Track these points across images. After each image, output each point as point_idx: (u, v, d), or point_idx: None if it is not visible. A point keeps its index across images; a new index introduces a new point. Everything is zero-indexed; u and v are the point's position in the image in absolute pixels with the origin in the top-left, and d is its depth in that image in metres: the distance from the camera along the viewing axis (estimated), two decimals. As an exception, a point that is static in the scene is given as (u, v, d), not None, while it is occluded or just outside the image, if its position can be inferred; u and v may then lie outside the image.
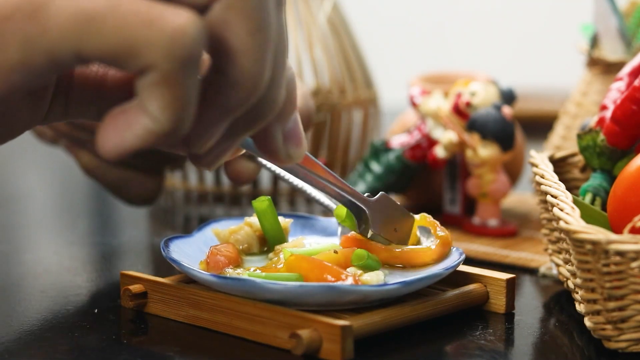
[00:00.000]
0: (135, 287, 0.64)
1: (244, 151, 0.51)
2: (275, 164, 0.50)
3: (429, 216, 0.67)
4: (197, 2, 0.41)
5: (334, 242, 0.68)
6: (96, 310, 0.65)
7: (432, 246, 0.65)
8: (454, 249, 0.66)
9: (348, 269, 0.62)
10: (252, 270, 0.62)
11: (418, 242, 0.67)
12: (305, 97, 0.78)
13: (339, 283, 0.60)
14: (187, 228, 0.90)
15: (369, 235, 0.65)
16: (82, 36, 0.39)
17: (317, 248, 0.64)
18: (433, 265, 0.65)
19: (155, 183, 0.83)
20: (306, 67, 0.94)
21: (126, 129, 0.40)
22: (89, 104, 0.48)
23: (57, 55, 0.40)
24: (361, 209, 0.64)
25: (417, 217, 0.67)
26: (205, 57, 0.43)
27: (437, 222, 0.67)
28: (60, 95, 0.48)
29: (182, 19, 0.39)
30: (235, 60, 0.41)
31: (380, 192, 0.65)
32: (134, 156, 0.80)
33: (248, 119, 0.44)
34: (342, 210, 0.64)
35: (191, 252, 0.65)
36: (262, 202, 0.67)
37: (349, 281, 0.60)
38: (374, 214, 0.64)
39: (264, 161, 0.73)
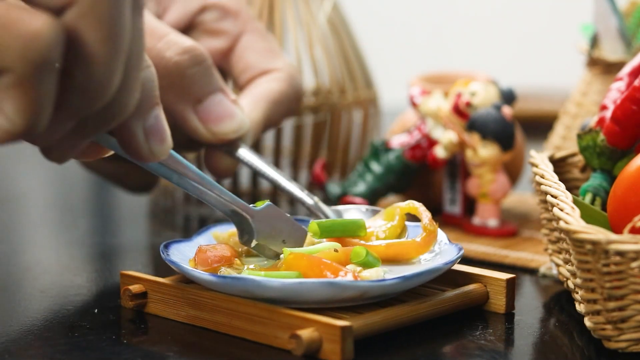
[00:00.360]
0: (135, 287, 0.64)
1: (111, 152, 0.50)
2: (140, 162, 0.50)
3: (418, 204, 0.67)
4: (53, 5, 0.41)
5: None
6: (96, 310, 0.65)
7: (417, 238, 0.65)
8: (454, 245, 0.66)
9: (347, 266, 0.62)
10: (248, 268, 0.62)
11: (403, 233, 0.67)
12: (291, 79, 0.77)
13: (338, 279, 0.60)
14: (187, 228, 0.90)
15: (252, 245, 0.64)
16: None
17: (317, 247, 0.64)
18: (419, 257, 0.65)
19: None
20: (306, 67, 0.94)
21: None
22: None
23: None
24: (244, 218, 0.63)
25: (403, 204, 0.67)
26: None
27: (423, 210, 0.66)
28: None
29: (38, 23, 0.39)
30: (83, 67, 0.42)
31: (267, 202, 0.63)
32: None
33: (96, 120, 0.45)
34: (314, 225, 0.64)
35: (191, 255, 0.65)
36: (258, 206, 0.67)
37: (349, 277, 0.60)
38: (258, 224, 0.63)
39: (241, 157, 0.73)
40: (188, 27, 0.78)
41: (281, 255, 0.63)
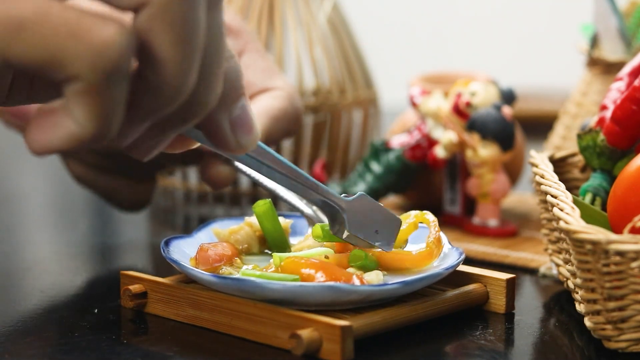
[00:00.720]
0: (135, 287, 0.64)
1: (198, 144, 0.50)
2: (229, 155, 0.50)
3: (432, 217, 0.66)
4: (124, 7, 0.41)
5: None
6: (96, 310, 0.65)
7: (413, 252, 0.64)
8: (454, 248, 0.66)
9: (348, 269, 0.62)
10: (248, 268, 0.62)
11: (404, 244, 0.66)
12: (291, 98, 0.78)
13: (339, 283, 0.60)
14: (187, 228, 0.90)
15: (344, 236, 0.62)
16: (9, 44, 0.39)
17: (308, 252, 0.64)
18: (414, 270, 0.64)
19: (146, 189, 0.82)
20: (306, 67, 0.94)
21: (52, 130, 0.40)
22: (55, 87, 0.49)
23: None
24: (335, 209, 0.61)
25: (419, 212, 0.66)
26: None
27: (434, 225, 0.66)
28: (22, 78, 0.48)
29: (109, 32, 0.39)
30: (157, 69, 0.42)
31: (359, 192, 0.62)
32: (118, 163, 0.80)
33: (175, 119, 0.45)
34: (318, 229, 0.63)
35: (191, 252, 0.65)
36: (262, 206, 0.67)
37: (356, 281, 0.60)
38: (350, 215, 0.61)
39: (240, 166, 0.72)
40: None
41: (271, 260, 0.63)
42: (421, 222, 0.67)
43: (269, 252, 0.67)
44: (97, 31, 0.39)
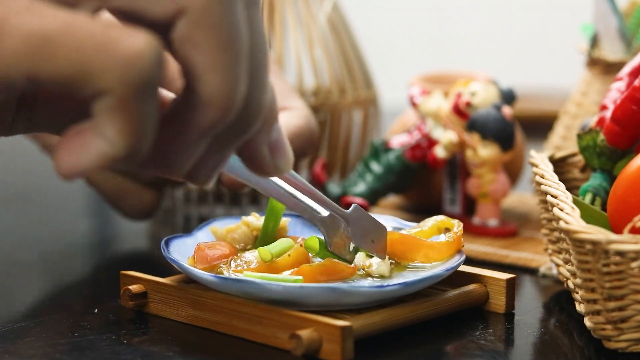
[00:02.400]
0: (135, 287, 0.64)
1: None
2: (263, 177, 0.48)
3: (457, 222, 0.66)
4: (159, 19, 0.40)
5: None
6: (96, 310, 0.65)
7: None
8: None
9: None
10: (243, 263, 0.62)
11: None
12: (308, 118, 0.78)
13: (340, 284, 0.60)
14: (187, 228, 0.90)
15: (351, 249, 0.64)
16: (35, 60, 0.38)
17: (279, 248, 0.64)
18: (426, 260, 0.65)
19: (153, 197, 0.81)
20: (306, 67, 0.94)
21: (82, 151, 0.39)
22: (56, 117, 0.47)
23: (8, 78, 0.38)
24: (339, 221, 0.62)
25: (444, 218, 0.67)
26: (177, 75, 0.42)
27: (458, 224, 0.66)
28: (25, 107, 0.46)
29: (138, 43, 0.38)
30: (204, 79, 0.40)
31: (353, 205, 0.63)
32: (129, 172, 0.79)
33: (232, 132, 0.43)
34: (314, 241, 0.63)
35: (191, 252, 0.65)
36: (279, 203, 0.67)
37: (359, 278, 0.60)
38: (353, 228, 0.63)
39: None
40: None
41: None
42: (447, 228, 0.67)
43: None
44: (125, 43, 0.38)
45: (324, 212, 0.62)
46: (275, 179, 0.59)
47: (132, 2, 0.40)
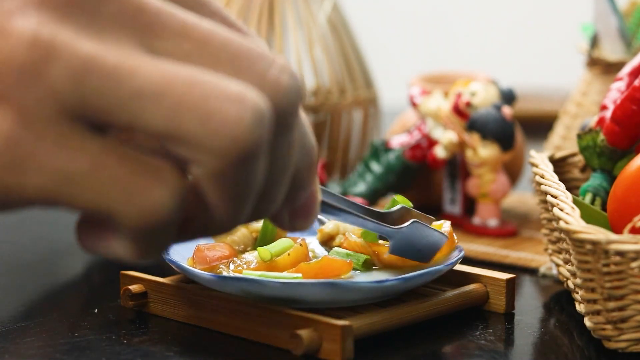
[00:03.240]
0: (135, 287, 0.64)
1: None
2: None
3: (447, 225, 0.66)
4: (178, 157, 0.39)
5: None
6: (96, 310, 0.65)
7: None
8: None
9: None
10: (243, 263, 0.62)
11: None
12: (308, 124, 0.78)
13: (339, 280, 0.60)
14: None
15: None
16: (56, 193, 0.38)
17: (279, 247, 0.64)
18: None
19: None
20: (306, 67, 0.94)
21: (99, 243, 0.40)
22: None
23: (27, 202, 0.39)
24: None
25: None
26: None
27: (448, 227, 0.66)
28: None
29: (160, 195, 0.38)
30: (206, 216, 0.40)
31: (412, 221, 0.62)
32: None
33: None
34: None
35: (190, 253, 0.65)
36: None
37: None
38: (395, 241, 0.62)
39: None
40: None
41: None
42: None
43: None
44: (147, 194, 0.37)
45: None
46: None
47: (164, 134, 0.38)
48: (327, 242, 0.67)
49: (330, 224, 0.66)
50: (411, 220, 0.62)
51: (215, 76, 0.38)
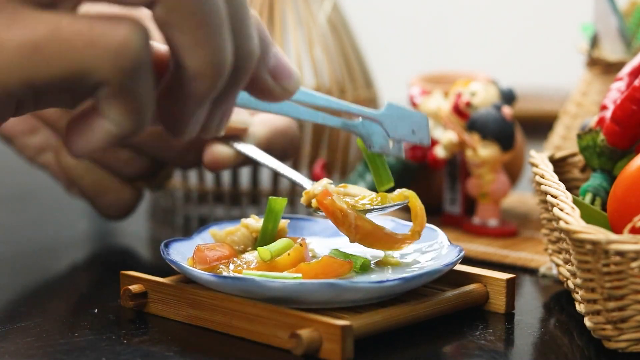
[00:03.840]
0: (135, 287, 0.64)
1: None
2: (275, 102, 0.51)
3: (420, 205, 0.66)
4: (136, 5, 0.42)
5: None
6: (96, 310, 0.65)
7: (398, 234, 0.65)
8: (454, 246, 0.66)
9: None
10: (243, 263, 0.62)
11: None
12: (293, 123, 0.79)
13: (338, 280, 0.60)
14: (187, 228, 0.90)
15: (389, 147, 0.65)
16: (30, 68, 0.40)
17: (279, 247, 0.64)
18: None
19: (132, 195, 0.81)
20: (306, 67, 0.94)
21: (91, 133, 0.42)
22: (60, 92, 0.48)
23: (9, 90, 0.40)
24: (373, 124, 0.65)
25: (397, 193, 0.66)
26: (166, 51, 0.44)
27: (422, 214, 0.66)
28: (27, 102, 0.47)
29: (123, 33, 0.40)
30: (189, 56, 0.42)
31: (387, 102, 0.65)
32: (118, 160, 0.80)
33: (230, 87, 0.45)
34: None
35: (190, 254, 0.65)
36: (279, 203, 0.67)
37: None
38: (386, 124, 0.65)
39: (240, 147, 0.74)
40: None
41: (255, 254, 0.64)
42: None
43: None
44: (111, 35, 0.40)
45: (356, 119, 0.64)
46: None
47: None
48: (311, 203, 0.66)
49: (319, 185, 0.65)
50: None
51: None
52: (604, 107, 0.70)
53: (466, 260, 0.75)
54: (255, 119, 0.77)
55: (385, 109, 0.65)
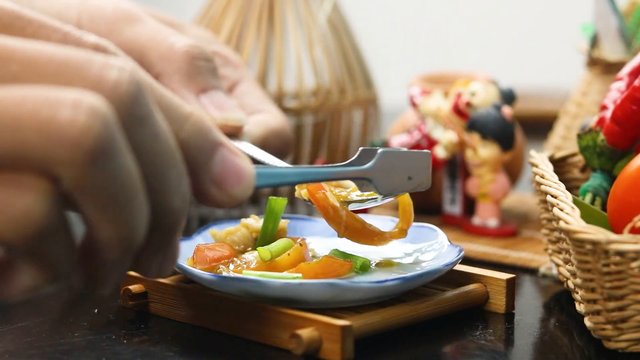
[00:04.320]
0: (135, 287, 0.64)
1: None
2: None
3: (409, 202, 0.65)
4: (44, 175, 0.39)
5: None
6: (96, 310, 0.65)
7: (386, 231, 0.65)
8: (454, 246, 0.66)
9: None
10: (243, 263, 0.62)
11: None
12: (286, 123, 0.79)
13: (338, 280, 0.60)
14: (187, 228, 0.90)
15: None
16: None
17: (279, 247, 0.64)
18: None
19: None
20: (306, 67, 0.94)
21: (10, 284, 0.40)
22: None
23: None
24: (365, 180, 0.58)
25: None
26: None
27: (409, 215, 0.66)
28: None
29: (26, 202, 0.37)
30: (96, 228, 0.40)
31: (379, 150, 0.58)
32: None
33: (160, 237, 0.43)
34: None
35: (190, 253, 0.65)
36: (279, 203, 0.67)
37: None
38: (377, 179, 0.58)
39: (235, 145, 0.74)
40: None
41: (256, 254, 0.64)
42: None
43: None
44: (13, 204, 0.37)
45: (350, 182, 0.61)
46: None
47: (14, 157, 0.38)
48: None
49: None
50: (379, 151, 0.59)
51: (46, 89, 0.37)
52: (604, 107, 0.70)
53: (466, 260, 0.75)
54: (250, 119, 0.77)
55: (377, 160, 0.58)
